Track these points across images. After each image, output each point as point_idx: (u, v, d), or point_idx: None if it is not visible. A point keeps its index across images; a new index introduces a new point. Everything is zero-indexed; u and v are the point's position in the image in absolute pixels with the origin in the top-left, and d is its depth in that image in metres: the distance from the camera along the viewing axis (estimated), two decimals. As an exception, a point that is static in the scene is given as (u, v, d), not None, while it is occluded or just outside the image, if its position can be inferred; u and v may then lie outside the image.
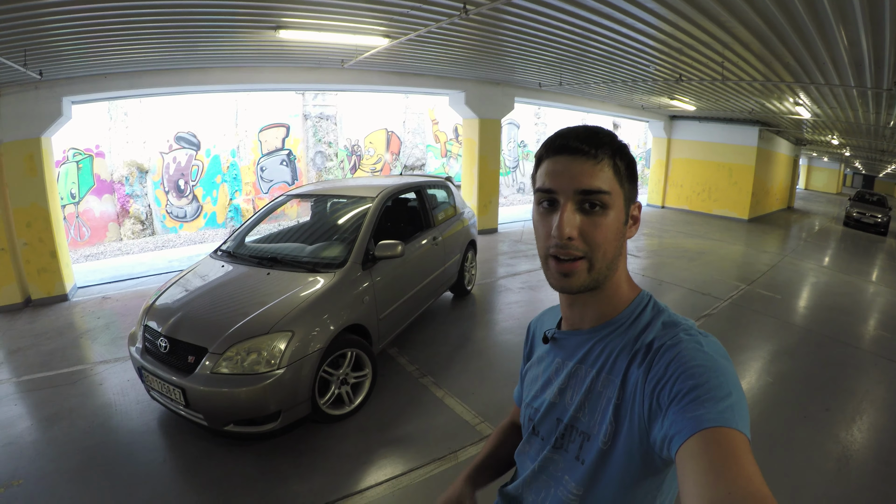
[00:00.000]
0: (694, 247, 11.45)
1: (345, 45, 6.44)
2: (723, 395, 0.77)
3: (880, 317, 7.49)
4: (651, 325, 0.98)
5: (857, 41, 4.87)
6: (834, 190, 41.55)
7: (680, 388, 0.81)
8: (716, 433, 0.72)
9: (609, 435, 0.94)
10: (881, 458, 3.77)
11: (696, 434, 0.74)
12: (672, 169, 17.72)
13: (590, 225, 0.93)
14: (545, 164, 0.97)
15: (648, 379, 0.88)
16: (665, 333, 0.94)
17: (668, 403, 0.81)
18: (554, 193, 0.95)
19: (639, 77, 8.64)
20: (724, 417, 0.74)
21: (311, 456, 3.52)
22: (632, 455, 0.92)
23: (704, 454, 0.71)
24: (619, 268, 1.01)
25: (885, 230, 17.74)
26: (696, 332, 0.92)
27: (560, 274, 0.95)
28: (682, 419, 0.77)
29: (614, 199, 0.94)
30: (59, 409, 4.08)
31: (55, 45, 5.05)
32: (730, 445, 0.71)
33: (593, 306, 1.03)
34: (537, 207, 1.00)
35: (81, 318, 6.24)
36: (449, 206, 6.59)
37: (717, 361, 0.84)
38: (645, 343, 0.95)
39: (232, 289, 4.12)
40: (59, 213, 7.04)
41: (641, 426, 0.89)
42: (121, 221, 11.71)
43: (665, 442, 0.80)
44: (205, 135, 12.52)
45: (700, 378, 0.80)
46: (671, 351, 0.88)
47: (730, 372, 0.83)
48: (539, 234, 0.99)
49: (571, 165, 0.93)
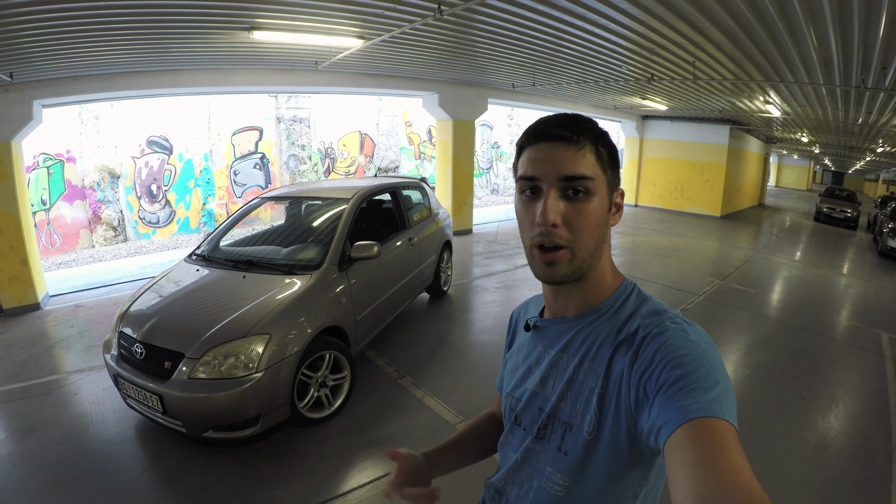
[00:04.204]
0: (668, 244, 11.62)
1: (319, 47, 6.42)
2: (710, 384, 0.77)
3: (852, 308, 7.70)
4: (636, 313, 0.97)
5: (826, 40, 4.98)
6: (804, 186, 42.44)
7: (667, 378, 0.80)
8: (703, 424, 0.72)
9: (594, 425, 0.93)
10: (859, 444, 3.89)
11: (683, 425, 0.73)
12: (644, 168, 17.99)
13: (574, 212, 0.92)
14: (527, 152, 0.96)
15: (634, 368, 0.88)
16: (650, 322, 0.93)
17: (655, 393, 0.81)
18: (537, 181, 0.93)
19: (611, 77, 8.74)
20: (711, 407, 0.74)
21: (292, 460, 3.50)
22: (618, 445, 0.91)
23: (693, 446, 0.70)
24: (603, 256, 1.01)
25: (855, 224, 18.22)
26: (681, 321, 0.91)
27: (544, 263, 0.94)
28: (670, 409, 0.76)
29: (598, 186, 0.93)
30: (33, 421, 3.99)
31: (26, 47, 4.94)
32: (718, 436, 0.71)
33: (578, 294, 1.03)
34: (520, 196, 0.98)
35: (54, 326, 6.11)
36: (424, 207, 6.60)
37: (704, 350, 0.84)
38: (630, 331, 0.94)
39: (208, 293, 4.07)
40: (30, 220, 6.87)
41: (628, 415, 0.88)
42: (93, 228, 11.48)
43: (652, 432, 0.80)
44: (177, 139, 12.33)
45: (687, 367, 0.80)
46: (657, 339, 0.87)
47: (716, 360, 0.83)
48: (523, 223, 0.98)
49: (554, 152, 0.92)
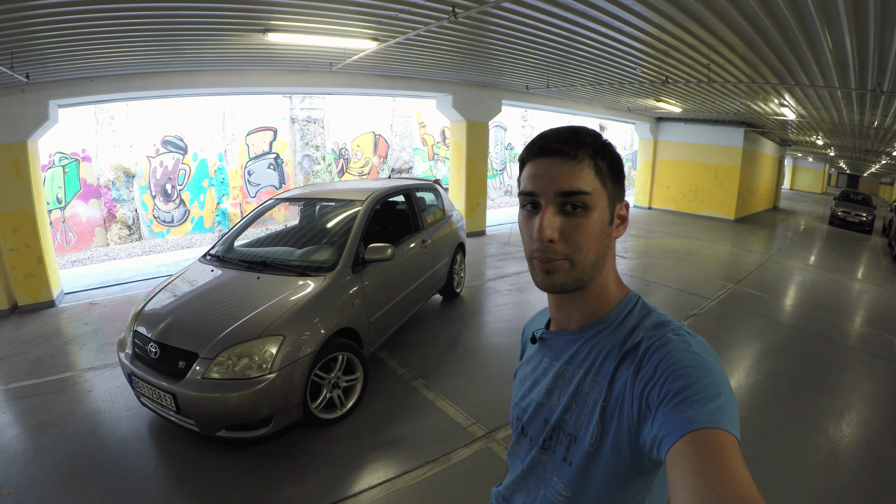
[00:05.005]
0: (681, 247, 11.54)
1: (333, 48, 6.44)
2: (712, 395, 0.77)
3: (866, 314, 7.60)
4: (639, 325, 0.97)
5: (842, 42, 4.92)
6: (819, 190, 42.05)
7: (669, 389, 0.80)
8: (705, 435, 0.72)
9: (596, 437, 0.94)
10: (869, 452, 3.84)
11: (685, 436, 0.73)
12: (658, 170, 17.87)
13: (571, 227, 0.93)
14: (527, 167, 0.98)
15: (637, 380, 0.88)
16: (653, 334, 0.93)
17: (658, 404, 0.81)
18: (536, 196, 0.95)
19: (625, 79, 8.70)
20: (713, 418, 0.74)
21: (303, 460, 3.52)
22: (620, 456, 0.91)
23: (694, 456, 0.70)
24: (606, 268, 1.01)
25: (870, 229, 17.98)
26: (684, 332, 0.92)
27: (543, 272, 0.95)
28: (672, 420, 0.77)
29: (596, 200, 0.94)
30: (47, 417, 4.04)
31: (42, 48, 5.00)
32: (719, 447, 0.70)
33: (580, 306, 1.03)
34: (521, 210, 1.00)
35: (69, 324, 6.18)
36: (437, 208, 6.61)
37: (707, 361, 0.83)
38: (633, 344, 0.94)
39: (222, 293, 4.10)
40: (46, 218, 6.97)
41: (630, 428, 0.88)
42: (107, 226, 11.61)
43: (655, 443, 0.80)
44: (192, 139, 12.45)
45: (689, 378, 0.80)
46: (660, 352, 0.87)
47: (719, 372, 0.83)
48: (524, 236, 1.00)
49: (551, 167, 0.93)
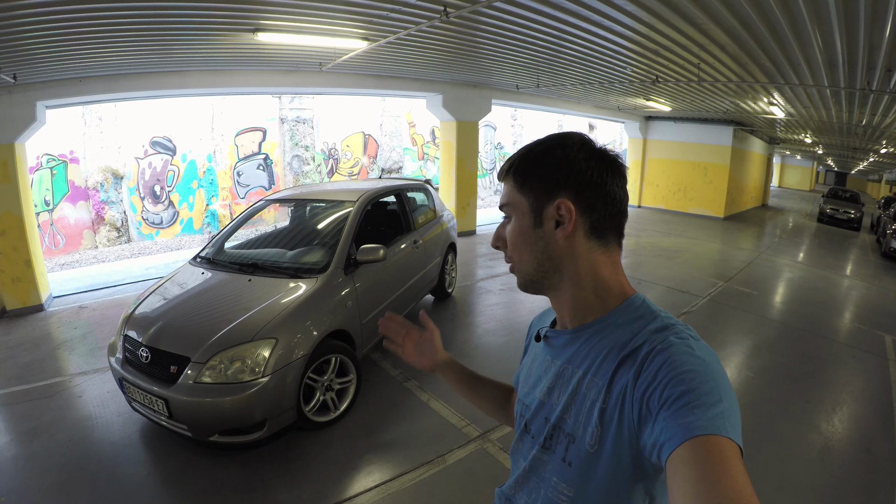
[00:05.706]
0: (671, 245, 11.60)
1: (323, 48, 6.42)
2: (714, 401, 0.76)
3: (855, 310, 7.68)
4: (643, 328, 0.96)
5: (832, 42, 4.96)
6: (807, 187, 42.40)
7: (670, 394, 0.79)
8: (706, 441, 0.71)
9: (596, 438, 0.93)
10: (862, 447, 3.88)
11: (685, 442, 0.72)
12: (648, 169, 17.96)
13: (506, 234, 1.09)
14: None
15: (638, 383, 0.87)
16: (655, 337, 0.91)
17: (658, 409, 0.80)
18: None
19: (615, 79, 8.73)
20: (714, 425, 0.73)
21: (297, 464, 3.50)
22: (621, 459, 0.90)
23: (694, 463, 0.70)
24: (570, 271, 1.01)
25: (858, 225, 18.18)
26: (687, 336, 0.90)
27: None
28: (673, 426, 0.76)
29: (513, 209, 1.06)
30: (38, 424, 3.99)
31: (30, 48, 4.94)
32: (720, 455, 0.70)
33: (569, 306, 1.05)
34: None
35: (58, 328, 6.11)
36: (428, 208, 6.59)
37: (709, 365, 0.82)
38: (634, 346, 0.92)
39: (213, 296, 4.06)
40: (34, 221, 6.88)
41: (631, 431, 0.87)
42: (96, 229, 11.50)
43: (655, 448, 0.79)
44: (180, 139, 12.35)
45: (690, 383, 0.79)
46: (661, 355, 0.86)
47: (721, 376, 0.81)
48: None
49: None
